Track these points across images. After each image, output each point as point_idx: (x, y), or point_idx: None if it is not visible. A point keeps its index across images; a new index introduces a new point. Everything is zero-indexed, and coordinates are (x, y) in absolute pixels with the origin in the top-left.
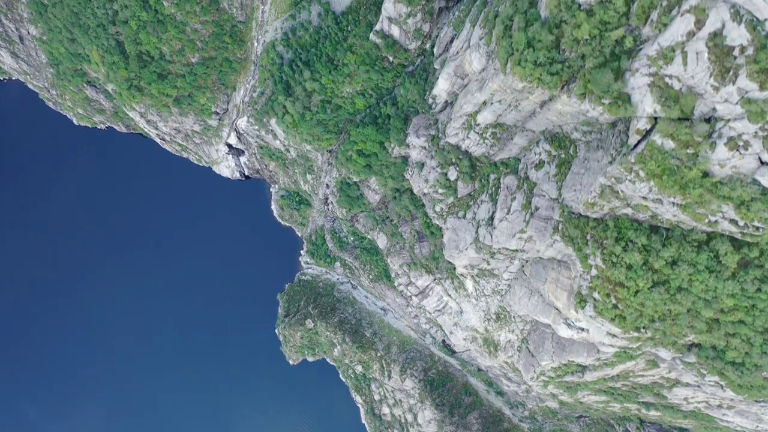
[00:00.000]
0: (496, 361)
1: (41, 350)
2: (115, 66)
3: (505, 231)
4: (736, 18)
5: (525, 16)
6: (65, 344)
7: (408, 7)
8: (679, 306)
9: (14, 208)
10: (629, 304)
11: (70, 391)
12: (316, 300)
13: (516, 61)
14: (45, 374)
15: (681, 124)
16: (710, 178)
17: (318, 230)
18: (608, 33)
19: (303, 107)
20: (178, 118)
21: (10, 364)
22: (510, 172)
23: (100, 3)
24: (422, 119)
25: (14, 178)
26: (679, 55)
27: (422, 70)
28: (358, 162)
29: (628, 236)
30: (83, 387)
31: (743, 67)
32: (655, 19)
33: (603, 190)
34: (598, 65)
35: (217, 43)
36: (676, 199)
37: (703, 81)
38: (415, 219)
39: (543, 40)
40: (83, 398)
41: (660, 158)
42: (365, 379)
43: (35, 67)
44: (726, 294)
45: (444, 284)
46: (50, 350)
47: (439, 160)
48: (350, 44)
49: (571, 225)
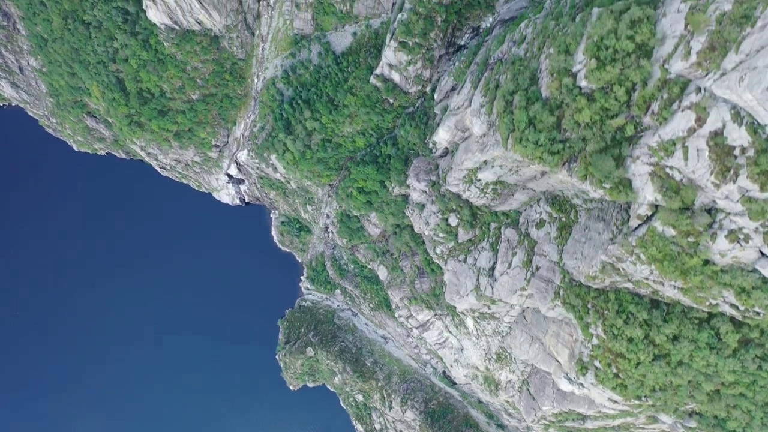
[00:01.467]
0: (497, 399)
1: (45, 397)
2: (115, 103)
3: (506, 286)
4: (736, 119)
5: (526, 94)
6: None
7: (408, 55)
8: (680, 379)
9: (15, 231)
10: (630, 375)
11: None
12: (317, 327)
13: (517, 139)
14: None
15: (682, 214)
16: (711, 266)
17: (318, 256)
18: (609, 120)
19: (303, 145)
20: (178, 151)
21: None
22: (511, 223)
23: (100, 41)
24: (423, 162)
25: (15, 204)
26: (679, 150)
27: (422, 113)
28: (359, 198)
29: (629, 309)
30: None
31: (744, 167)
32: (656, 110)
33: (604, 266)
34: (599, 150)
35: (218, 80)
36: (677, 283)
37: (704, 177)
38: (415, 255)
39: (544, 121)
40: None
41: (661, 244)
42: (366, 407)
43: (35, 96)
44: (727, 370)
45: (445, 320)
46: (60, 396)
47: (440, 206)
48: (351, 86)
49: (573, 293)
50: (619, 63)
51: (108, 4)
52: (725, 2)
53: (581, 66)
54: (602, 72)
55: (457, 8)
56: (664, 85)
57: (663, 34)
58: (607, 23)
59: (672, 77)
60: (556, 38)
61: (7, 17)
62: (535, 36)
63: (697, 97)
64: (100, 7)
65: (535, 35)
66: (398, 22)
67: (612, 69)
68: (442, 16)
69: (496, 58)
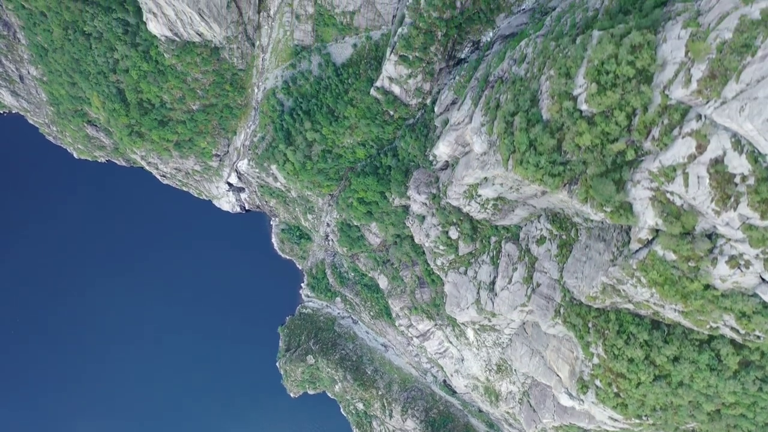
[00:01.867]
0: (497, 410)
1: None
2: (115, 113)
3: (507, 301)
4: (737, 147)
5: (527, 115)
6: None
7: (409, 69)
8: (681, 399)
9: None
10: (631, 395)
11: None
12: (317, 335)
13: (518, 161)
14: None
15: (683, 239)
16: (712, 290)
17: (319, 264)
18: (610, 144)
19: (304, 156)
20: (178, 161)
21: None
22: (511, 237)
23: (101, 51)
24: (423, 174)
25: (17, 209)
26: (680, 176)
27: (423, 125)
28: (359, 209)
29: (630, 330)
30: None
31: (744, 195)
32: (657, 136)
33: (605, 287)
34: (599, 173)
35: (218, 90)
36: (677, 307)
37: (704, 204)
38: (416, 265)
39: (545, 144)
40: None
41: (662, 268)
42: (367, 416)
43: (35, 105)
44: (727, 391)
45: (445, 330)
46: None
47: (440, 219)
48: (351, 97)
49: (573, 312)
50: (620, 88)
51: (108, 15)
52: (726, 31)
53: (582, 90)
54: (603, 97)
55: (457, 23)
56: (664, 111)
57: (663, 60)
58: (607, 48)
59: (673, 103)
60: (556, 60)
61: (7, 27)
62: (536, 56)
63: (697, 124)
64: (100, 18)
65: (536, 55)
66: (398, 36)
67: (613, 94)
68: (442, 31)
69: (496, 75)
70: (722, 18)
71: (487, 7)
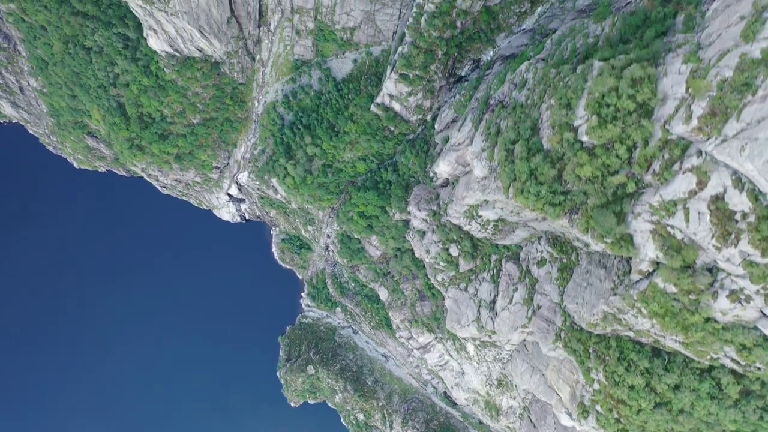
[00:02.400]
0: (498, 424)
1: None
2: (116, 127)
3: (507, 321)
4: (737, 185)
5: (527, 144)
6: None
7: (409, 86)
8: (681, 426)
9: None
10: (632, 421)
11: None
12: (318, 345)
13: (518, 190)
14: None
15: (683, 272)
16: (713, 323)
17: (319, 274)
18: (610, 177)
19: (304, 170)
20: (179, 173)
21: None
22: (512, 256)
23: (101, 66)
24: (423, 190)
25: (16, 216)
26: (681, 211)
27: (423, 141)
28: (360, 222)
29: (631, 357)
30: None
31: (745, 232)
32: (657, 170)
33: (606, 315)
34: (600, 205)
35: (218, 104)
36: (678, 338)
37: (705, 239)
38: (416, 278)
39: (545, 174)
40: None
41: (662, 300)
42: (367, 426)
43: (35, 115)
44: (728, 420)
45: (445, 344)
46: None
47: (441, 236)
48: (351, 113)
49: (574, 337)
50: (621, 121)
51: (109, 30)
52: (726, 68)
53: (582, 121)
54: (603, 129)
55: (457, 42)
56: (665, 146)
57: (664, 95)
58: (608, 81)
59: (673, 138)
60: (557, 89)
61: (7, 39)
62: (536, 83)
63: (698, 161)
64: (100, 33)
65: (536, 82)
66: (399, 55)
67: (613, 127)
68: (442, 50)
69: (496, 99)
70: (722, 55)
71: (487, 26)
